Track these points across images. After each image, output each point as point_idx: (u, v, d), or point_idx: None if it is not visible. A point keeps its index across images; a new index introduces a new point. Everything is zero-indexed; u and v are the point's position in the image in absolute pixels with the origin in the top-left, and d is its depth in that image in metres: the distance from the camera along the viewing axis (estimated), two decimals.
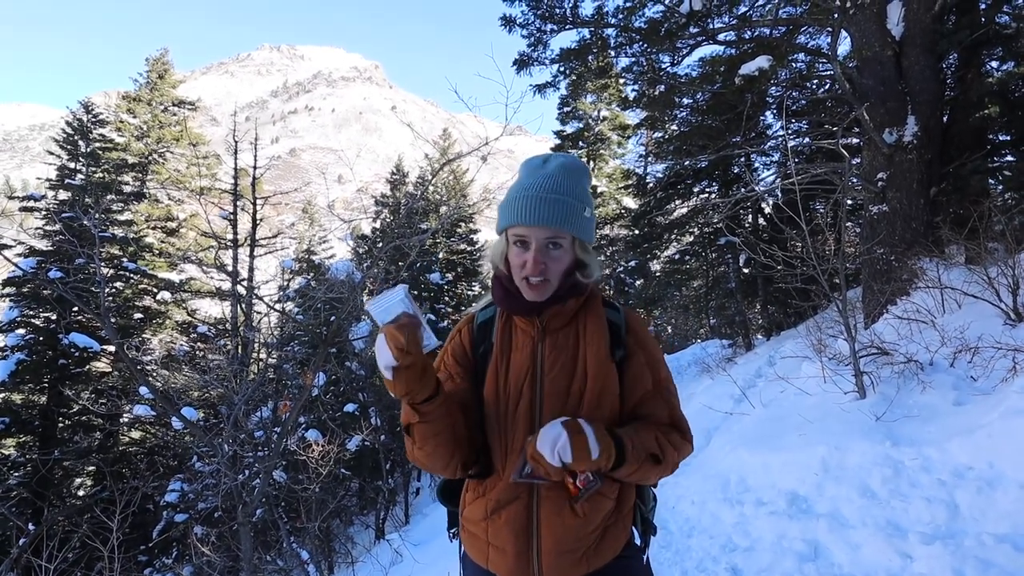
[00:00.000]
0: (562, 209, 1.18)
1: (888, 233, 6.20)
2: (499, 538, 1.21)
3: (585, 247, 1.24)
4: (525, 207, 1.18)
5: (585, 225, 1.22)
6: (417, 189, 18.94)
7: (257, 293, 7.61)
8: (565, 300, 1.23)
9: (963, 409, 3.34)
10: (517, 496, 1.19)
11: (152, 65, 17.23)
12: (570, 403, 1.18)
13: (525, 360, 1.24)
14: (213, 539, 7.75)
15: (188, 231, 16.30)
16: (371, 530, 10.97)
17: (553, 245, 1.19)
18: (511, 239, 1.22)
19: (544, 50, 8.95)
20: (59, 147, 14.12)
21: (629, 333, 1.26)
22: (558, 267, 1.20)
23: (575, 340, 1.24)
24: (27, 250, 12.74)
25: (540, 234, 1.18)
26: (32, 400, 11.93)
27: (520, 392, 1.21)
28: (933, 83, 6.27)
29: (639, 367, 1.23)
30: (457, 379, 1.29)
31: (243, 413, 6.00)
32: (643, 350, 1.25)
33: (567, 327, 1.25)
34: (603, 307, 1.29)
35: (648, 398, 1.23)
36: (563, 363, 1.21)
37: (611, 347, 1.22)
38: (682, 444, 1.23)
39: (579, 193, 1.22)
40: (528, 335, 1.26)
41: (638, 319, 1.30)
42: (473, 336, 1.34)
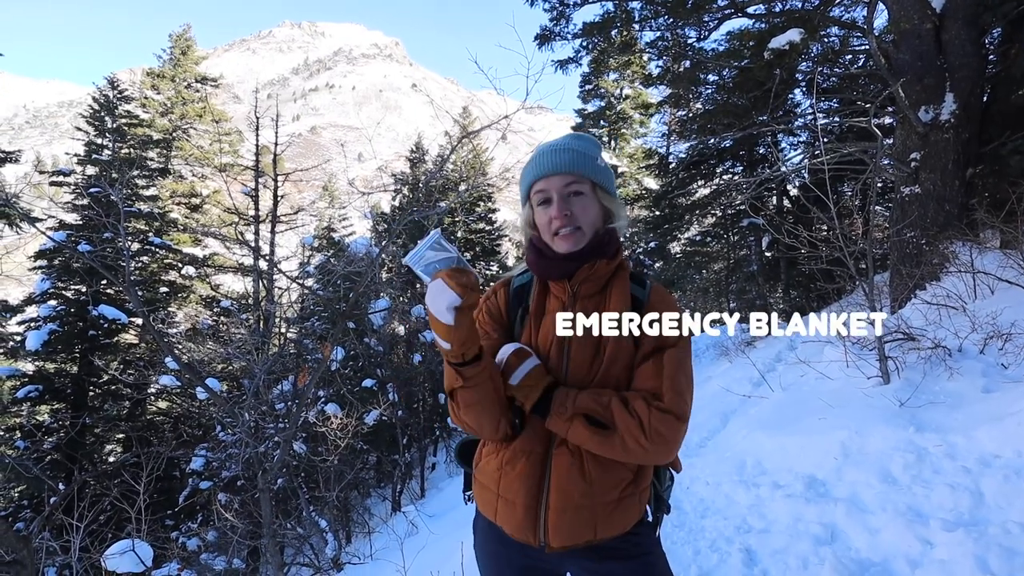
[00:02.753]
0: (575, 156, 1.20)
1: (920, 215, 6.00)
2: (510, 490, 1.21)
3: (608, 194, 1.25)
4: (539, 161, 1.22)
5: (603, 173, 1.23)
6: (436, 166, 18.89)
7: (279, 267, 7.70)
8: (596, 257, 1.22)
9: (992, 396, 3.24)
10: (532, 450, 1.20)
11: (175, 41, 17.32)
12: (593, 371, 1.19)
13: (559, 323, 1.24)
14: (236, 506, 7.99)
15: (211, 207, 16.53)
16: (387, 502, 11.21)
17: (575, 193, 1.20)
18: (534, 201, 1.24)
19: (567, 24, 8.77)
20: (86, 123, 14.32)
21: (648, 309, 1.22)
22: (586, 215, 1.21)
23: (602, 310, 1.23)
24: (57, 223, 13.04)
25: (559, 183, 1.20)
26: (64, 369, 12.33)
27: (548, 357, 1.22)
28: (974, 58, 5.98)
29: (646, 337, 1.20)
30: (493, 336, 1.30)
31: (264, 384, 6.12)
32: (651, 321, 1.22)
33: (597, 296, 1.25)
34: (631, 281, 1.27)
35: (644, 368, 1.17)
36: (588, 333, 1.22)
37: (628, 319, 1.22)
38: (654, 414, 1.11)
39: (589, 148, 1.24)
40: (560, 301, 1.27)
41: (662, 296, 1.26)
42: (509, 298, 1.34)
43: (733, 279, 12.87)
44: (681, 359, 1.19)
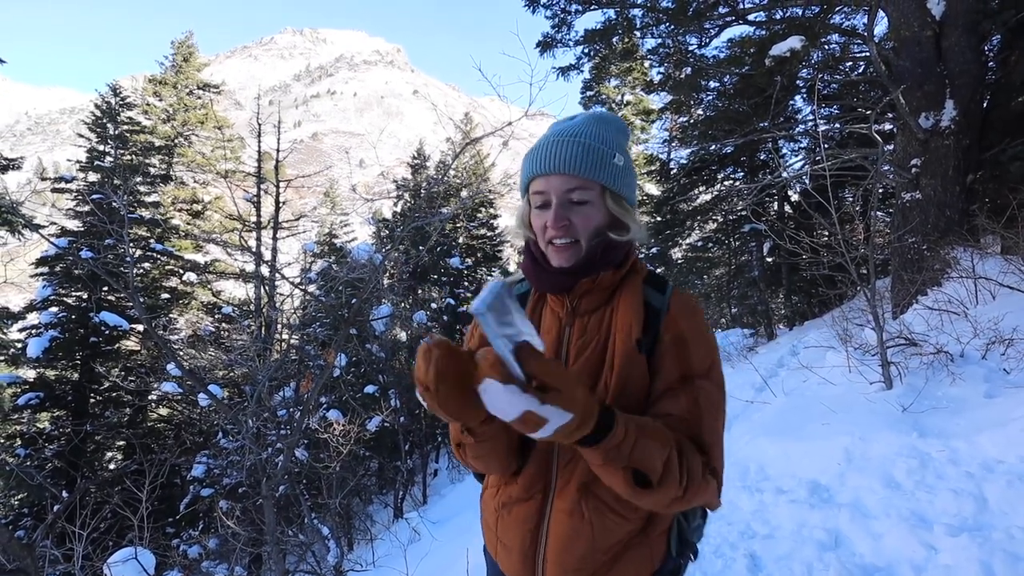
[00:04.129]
0: (585, 153, 0.99)
1: (921, 221, 6.02)
2: (507, 535, 1.08)
3: (620, 201, 1.03)
4: (542, 154, 1.01)
5: (617, 174, 1.01)
6: (438, 172, 18.97)
7: (281, 272, 7.73)
8: (597, 270, 1.02)
9: (994, 402, 3.25)
10: (531, 495, 1.04)
11: (177, 48, 17.42)
12: (597, 397, 0.94)
13: (551, 344, 1.06)
14: (238, 513, 7.97)
15: (213, 213, 16.58)
16: (390, 509, 11.18)
17: (578, 199, 1.00)
18: (532, 201, 1.05)
19: (568, 31, 8.83)
20: (88, 130, 14.39)
21: (668, 323, 1.01)
22: (586, 224, 1.01)
23: (607, 326, 1.03)
24: (59, 230, 13.08)
25: (560, 185, 1.00)
26: (65, 376, 12.32)
27: None
28: (974, 65, 6.02)
29: (666, 359, 0.98)
30: None
31: (266, 391, 6.13)
32: (676, 339, 0.99)
33: (601, 310, 1.05)
34: (645, 286, 1.06)
35: (667, 395, 0.96)
36: (590, 353, 1.02)
37: (642, 335, 1.00)
38: (705, 479, 0.92)
39: (608, 139, 1.03)
40: (557, 316, 1.09)
41: (685, 304, 1.03)
42: None
43: (735, 285, 12.89)
44: (714, 396, 0.97)
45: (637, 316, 1.01)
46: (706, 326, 1.03)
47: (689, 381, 0.96)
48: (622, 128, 1.09)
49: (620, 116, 11.50)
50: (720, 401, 0.99)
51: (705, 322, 1.03)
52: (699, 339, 1.00)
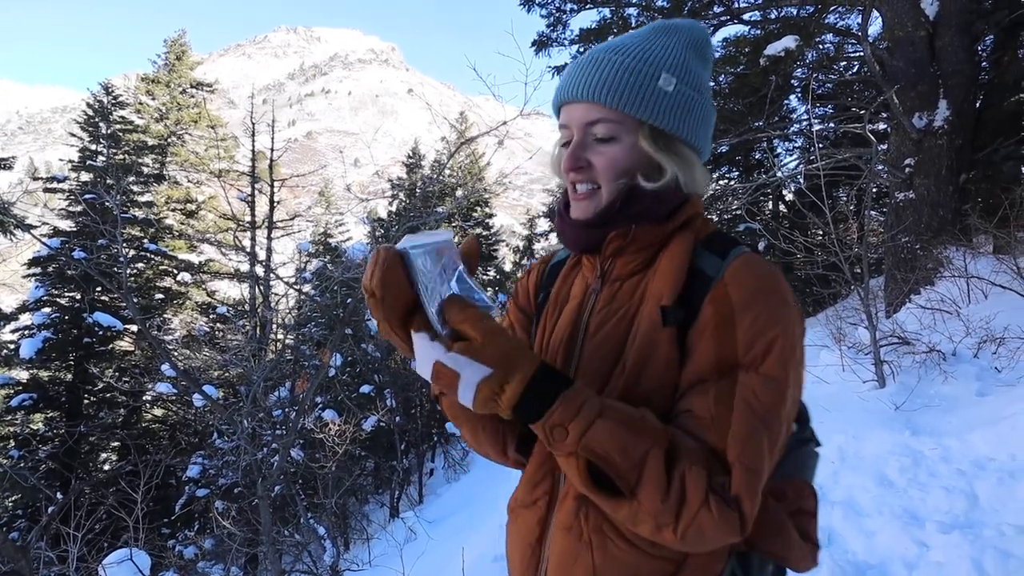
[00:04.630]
0: (616, 74, 0.78)
1: (914, 221, 6.06)
2: (511, 547, 0.92)
3: (663, 139, 0.80)
4: (568, 76, 0.83)
5: (662, 102, 0.78)
6: (433, 171, 18.97)
7: (276, 272, 7.71)
8: (623, 222, 0.81)
9: (986, 400, 3.28)
10: (535, 499, 0.86)
11: (170, 47, 17.32)
12: (612, 385, 0.78)
13: (570, 316, 0.88)
14: (233, 513, 7.95)
15: (207, 213, 16.50)
16: (386, 508, 11.18)
17: (602, 134, 0.80)
18: (560, 137, 0.87)
19: (563, 30, 8.85)
20: (80, 129, 14.30)
21: (717, 294, 0.74)
22: (607, 166, 0.80)
23: (641, 294, 0.81)
24: (51, 230, 12.99)
25: (581, 116, 0.80)
26: (59, 377, 12.26)
27: (555, 358, 0.86)
28: (967, 65, 6.06)
29: (702, 339, 0.73)
30: (518, 330, 1.00)
31: (261, 391, 6.12)
32: (719, 313, 0.73)
33: (639, 275, 0.83)
34: (700, 247, 0.81)
35: (695, 388, 0.72)
36: (612, 327, 0.81)
37: (671, 302, 0.76)
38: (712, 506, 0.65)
39: (658, 54, 0.80)
40: (585, 283, 0.90)
41: (746, 268, 0.76)
42: (541, 279, 1.01)
43: None
44: (763, 397, 0.69)
45: (672, 279, 0.77)
46: (775, 301, 0.73)
47: (727, 372, 0.70)
48: (694, 40, 0.84)
49: None
50: (772, 407, 0.69)
51: (776, 296, 0.73)
52: (755, 315, 0.71)
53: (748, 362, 0.70)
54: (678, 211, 0.83)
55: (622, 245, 0.83)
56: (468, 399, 0.65)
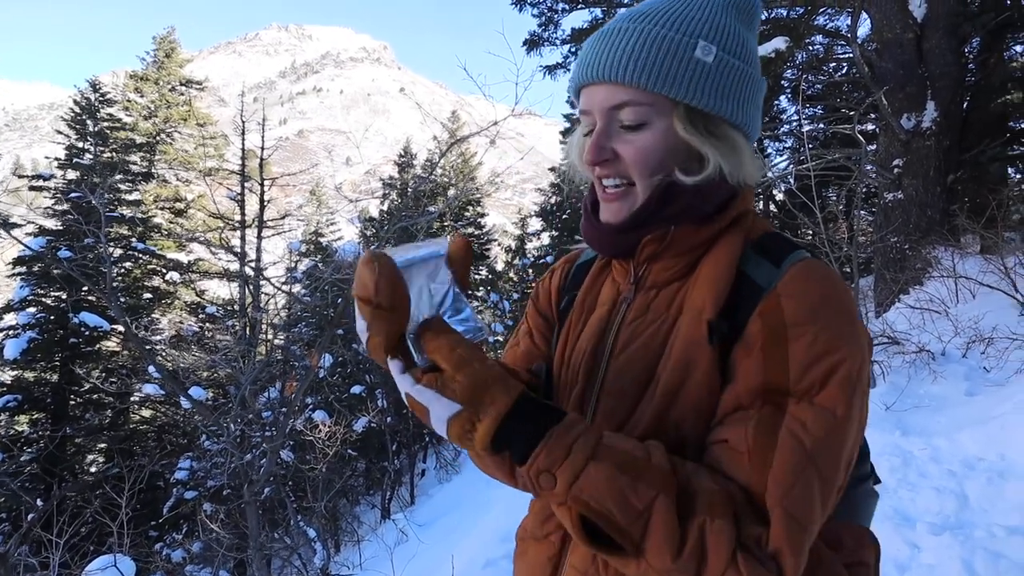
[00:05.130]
0: (644, 47, 0.65)
1: (903, 221, 6.11)
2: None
3: (704, 122, 0.67)
4: (588, 52, 0.70)
5: (701, 76, 0.65)
6: (425, 171, 18.91)
7: (264, 274, 7.63)
8: (659, 223, 0.69)
9: (975, 400, 3.30)
10: (545, 534, 0.77)
11: (159, 44, 17.13)
12: (638, 413, 0.68)
13: (596, 326, 0.77)
14: (222, 516, 7.87)
15: (196, 212, 16.34)
16: (377, 510, 11.12)
17: (630, 120, 0.67)
18: (581, 124, 0.75)
19: (555, 30, 8.84)
20: (67, 126, 14.11)
21: (767, 307, 0.63)
22: (638, 158, 0.68)
23: (679, 306, 0.70)
24: (37, 229, 12.81)
25: (603, 99, 0.68)
26: (44, 378, 12.09)
27: (576, 375, 0.75)
28: (954, 67, 6.11)
29: (747, 359, 0.62)
30: (537, 337, 0.87)
31: (250, 393, 6.05)
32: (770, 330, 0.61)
33: (678, 282, 0.71)
34: (750, 250, 0.69)
35: (735, 416, 0.61)
36: (644, 342, 0.70)
37: (716, 316, 0.65)
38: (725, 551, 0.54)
39: (695, 20, 0.67)
40: (616, 290, 0.78)
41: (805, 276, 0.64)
42: (565, 281, 0.89)
43: None
44: (816, 434, 0.57)
45: (716, 289, 0.66)
46: (840, 318, 0.61)
47: (773, 399, 0.59)
48: (725, 5, 0.70)
49: None
50: (827, 444, 0.57)
51: (841, 312, 0.62)
52: (814, 334, 0.59)
53: (801, 390, 0.59)
54: (725, 208, 0.71)
55: (658, 250, 0.71)
56: (443, 434, 0.58)
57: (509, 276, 19.10)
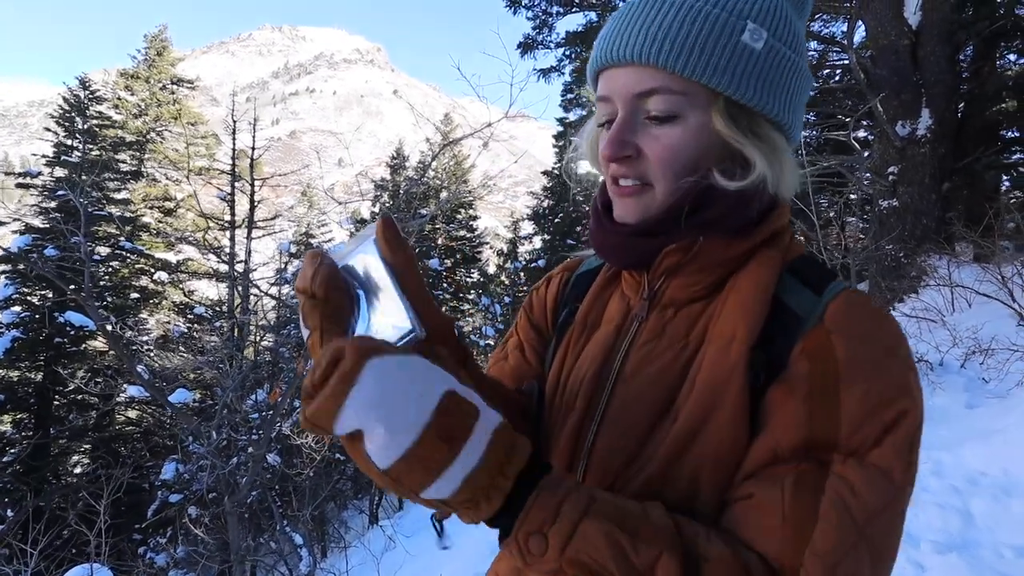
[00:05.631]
0: (679, 22, 0.55)
1: (898, 229, 6.08)
2: None
3: (748, 119, 0.58)
4: (612, 28, 0.60)
5: (747, 64, 0.56)
6: (417, 173, 18.83)
7: (251, 279, 7.50)
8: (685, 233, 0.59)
9: (976, 412, 3.25)
10: None
11: (150, 42, 16.94)
12: (651, 449, 0.57)
13: (601, 346, 0.66)
14: (207, 521, 7.72)
15: (186, 212, 16.15)
16: (365, 515, 10.98)
17: (659, 111, 0.57)
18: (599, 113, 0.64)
19: (549, 33, 8.80)
20: (56, 123, 13.90)
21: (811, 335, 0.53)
22: (665, 156, 0.58)
23: (701, 331, 0.60)
24: (23, 227, 12.59)
25: (628, 85, 0.58)
26: (28, 377, 11.88)
27: (573, 401, 0.65)
28: (949, 75, 6.11)
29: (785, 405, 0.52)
30: (528, 352, 0.77)
31: (237, 398, 5.92)
32: (817, 373, 0.51)
33: (701, 303, 0.61)
34: (787, 274, 0.59)
35: (766, 471, 0.51)
36: (661, 369, 0.60)
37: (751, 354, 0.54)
38: None
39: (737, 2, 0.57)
40: (625, 305, 0.68)
41: (860, 321, 0.54)
42: (563, 291, 0.79)
43: None
44: (868, 502, 0.48)
45: (751, 315, 0.56)
46: (899, 364, 0.52)
47: (818, 455, 0.49)
48: None
49: None
50: (881, 515, 0.48)
51: (899, 357, 0.53)
52: (871, 383, 0.50)
53: (853, 446, 0.49)
54: (762, 221, 0.61)
55: (681, 262, 0.61)
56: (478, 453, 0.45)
57: (501, 280, 19.03)
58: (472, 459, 0.44)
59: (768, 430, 0.52)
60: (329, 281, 0.51)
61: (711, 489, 0.53)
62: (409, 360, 0.44)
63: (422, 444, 0.42)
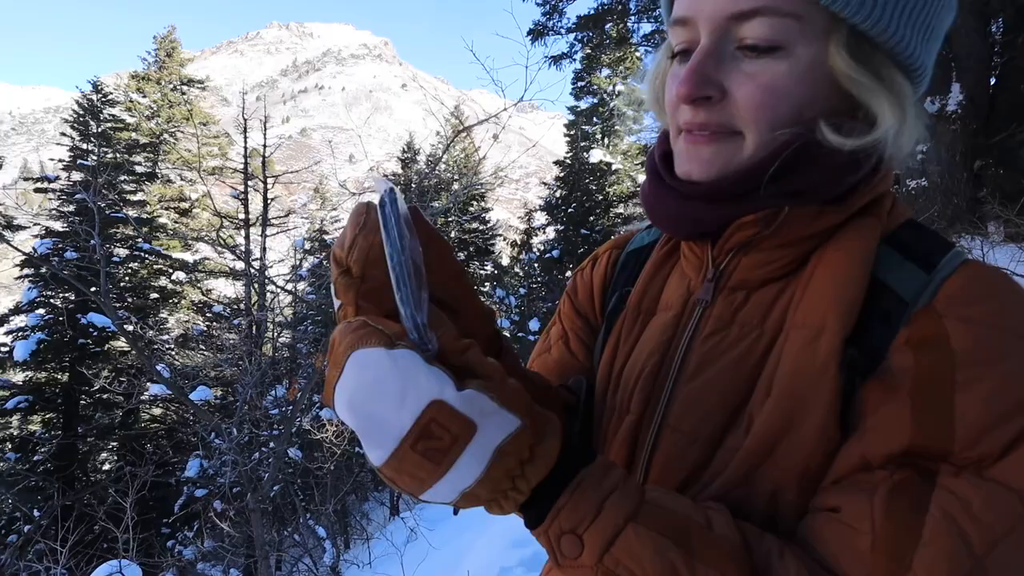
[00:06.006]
0: None
1: (927, 209, 5.89)
2: None
3: (875, 57, 0.46)
4: None
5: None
6: (429, 165, 18.80)
7: (268, 275, 7.54)
8: (778, 198, 0.49)
9: None
10: None
11: (160, 43, 17.06)
12: (721, 458, 0.49)
13: (658, 337, 0.57)
14: (232, 515, 7.84)
15: (201, 211, 16.31)
16: (385, 507, 11.07)
17: (757, 39, 0.45)
18: (671, 42, 0.52)
19: (560, 19, 8.65)
20: (71, 128, 14.09)
21: (919, 319, 0.44)
22: (764, 98, 0.46)
23: (779, 317, 0.50)
24: (44, 231, 12.81)
25: (718, 5, 0.46)
26: (55, 379, 12.15)
27: (628, 400, 0.57)
28: (981, 47, 5.87)
29: (887, 401, 0.43)
30: (574, 343, 0.68)
31: (257, 395, 5.96)
32: (926, 368, 0.42)
33: (778, 283, 0.51)
34: (886, 247, 0.49)
35: (855, 478, 0.42)
36: (731, 365, 0.51)
37: (844, 348, 0.45)
38: None
39: None
40: (685, 286, 0.58)
41: (983, 301, 0.43)
42: (612, 270, 0.69)
43: None
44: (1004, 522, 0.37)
45: (844, 299, 0.46)
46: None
47: (922, 464, 0.40)
48: None
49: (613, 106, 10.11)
50: (1004, 542, 0.37)
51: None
52: (999, 379, 0.40)
53: (972, 458, 0.39)
54: (862, 185, 0.49)
55: (757, 236, 0.50)
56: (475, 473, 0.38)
57: (515, 272, 18.97)
58: (466, 477, 0.38)
59: (860, 434, 0.43)
60: (369, 254, 0.43)
61: (795, 509, 0.45)
62: (395, 356, 0.37)
63: (400, 458, 0.38)
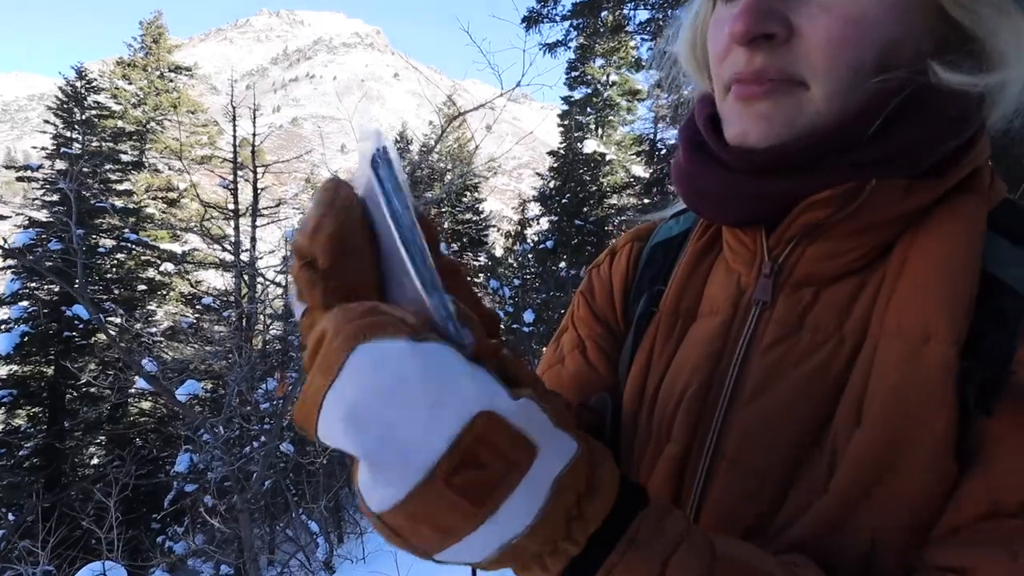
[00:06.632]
0: None
1: None
2: None
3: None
4: None
5: None
6: (421, 155, 18.65)
7: (258, 267, 7.41)
8: (861, 169, 0.38)
9: None
10: None
11: (146, 29, 16.68)
12: (794, 503, 0.39)
13: (704, 347, 0.46)
14: (222, 510, 7.76)
15: (190, 201, 16.05)
16: None
17: None
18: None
19: (555, 5, 8.51)
20: (54, 115, 13.78)
21: None
22: (847, 33, 0.35)
23: (861, 320, 0.40)
24: (27, 221, 12.56)
25: None
26: (41, 372, 11.95)
27: (668, 426, 0.46)
28: None
29: (1016, 430, 0.34)
30: (593, 353, 0.56)
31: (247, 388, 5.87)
32: None
33: (856, 277, 0.42)
34: (992, 232, 0.39)
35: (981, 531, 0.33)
36: (803, 382, 0.41)
37: (958, 355, 0.35)
38: None
39: None
40: (735, 283, 0.47)
41: None
42: (635, 267, 0.57)
43: None
44: None
45: (952, 298, 0.36)
46: None
47: None
48: None
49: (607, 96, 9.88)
50: None
51: None
52: None
53: None
54: (962, 152, 0.39)
55: (831, 218, 0.39)
56: (530, 514, 0.27)
57: (509, 262, 18.87)
58: (516, 522, 0.26)
59: (983, 467, 0.34)
60: (340, 238, 0.31)
61: (897, 562, 0.35)
62: (425, 351, 0.26)
63: (425, 498, 0.26)
